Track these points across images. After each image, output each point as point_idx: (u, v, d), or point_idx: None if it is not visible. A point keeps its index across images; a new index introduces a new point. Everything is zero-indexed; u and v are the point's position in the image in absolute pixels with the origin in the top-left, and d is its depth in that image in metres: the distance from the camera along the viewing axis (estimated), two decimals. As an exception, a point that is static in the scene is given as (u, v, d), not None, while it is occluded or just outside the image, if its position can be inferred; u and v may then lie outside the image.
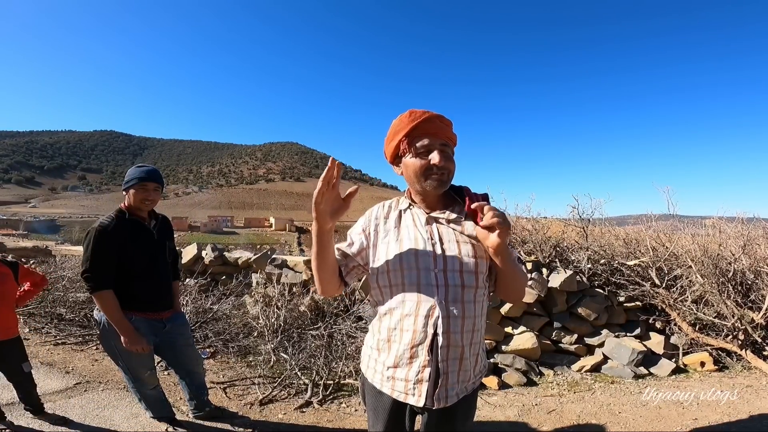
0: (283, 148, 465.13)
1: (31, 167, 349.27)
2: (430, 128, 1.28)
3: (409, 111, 1.34)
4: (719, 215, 5.01)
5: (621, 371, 3.74)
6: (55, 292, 5.08)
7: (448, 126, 1.33)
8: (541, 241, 4.66)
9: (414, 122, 1.29)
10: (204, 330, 4.36)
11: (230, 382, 3.46)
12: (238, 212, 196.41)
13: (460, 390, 1.31)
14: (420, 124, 1.28)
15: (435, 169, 1.28)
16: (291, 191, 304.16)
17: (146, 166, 2.39)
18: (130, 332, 2.23)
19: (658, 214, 5.26)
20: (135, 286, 2.32)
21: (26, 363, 2.62)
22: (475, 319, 1.29)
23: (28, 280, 2.76)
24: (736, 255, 4.18)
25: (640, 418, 2.97)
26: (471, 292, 1.27)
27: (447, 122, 1.33)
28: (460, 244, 1.29)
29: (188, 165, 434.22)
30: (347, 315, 4.18)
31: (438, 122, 1.30)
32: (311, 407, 3.09)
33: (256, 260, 5.53)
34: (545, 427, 2.89)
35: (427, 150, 1.29)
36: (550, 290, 4.07)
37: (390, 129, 1.37)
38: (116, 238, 2.24)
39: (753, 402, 3.19)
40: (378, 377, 1.36)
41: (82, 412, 2.86)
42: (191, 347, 2.63)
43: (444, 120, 1.32)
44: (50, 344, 4.17)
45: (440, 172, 1.28)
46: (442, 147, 1.29)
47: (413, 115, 1.31)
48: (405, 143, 1.31)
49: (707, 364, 3.83)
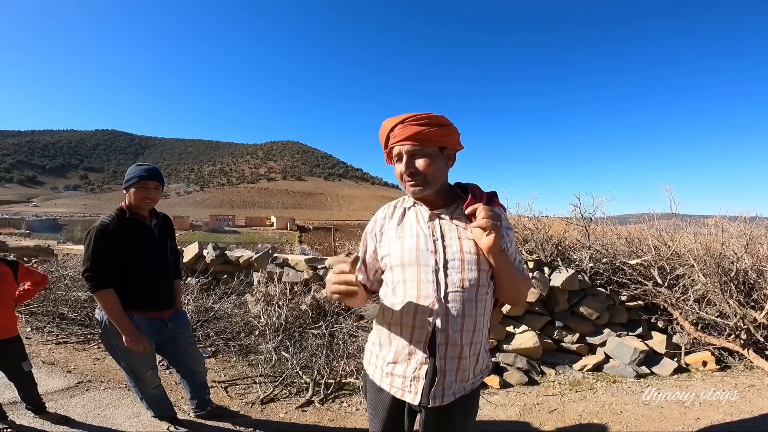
0: (284, 147, 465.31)
1: (32, 166, 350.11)
2: (399, 135, 1.28)
3: (385, 120, 1.34)
4: (722, 214, 4.99)
5: (623, 370, 3.73)
6: (57, 292, 5.09)
7: (426, 125, 1.25)
8: (543, 239, 4.64)
9: (386, 132, 1.32)
10: (205, 329, 4.37)
11: (231, 381, 3.46)
12: (240, 211, 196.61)
13: (457, 389, 1.30)
14: (390, 134, 1.30)
15: (404, 176, 1.29)
16: (292, 190, 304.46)
17: (146, 164, 2.39)
18: (131, 331, 2.23)
19: (660, 213, 5.25)
20: (136, 285, 2.32)
21: (26, 362, 2.62)
22: (476, 318, 1.28)
23: (29, 279, 2.75)
24: (738, 254, 4.16)
25: (642, 418, 2.96)
26: (472, 290, 1.26)
27: (424, 120, 1.26)
28: (462, 241, 1.28)
29: (190, 164, 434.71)
30: (348, 314, 4.18)
31: (409, 125, 1.26)
32: (312, 406, 3.08)
33: (258, 259, 5.54)
34: (547, 426, 2.88)
35: (399, 157, 1.30)
36: (551, 289, 4.06)
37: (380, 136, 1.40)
38: (117, 237, 2.24)
39: (755, 402, 3.18)
40: (378, 373, 1.37)
41: (84, 411, 2.86)
42: (192, 346, 2.63)
43: (418, 118, 1.26)
44: (52, 343, 4.18)
45: (411, 178, 1.28)
46: (415, 151, 1.26)
47: (384, 126, 1.33)
48: (386, 153, 1.36)
49: (709, 363, 3.82)
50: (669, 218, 5.28)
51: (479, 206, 1.19)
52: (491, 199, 1.33)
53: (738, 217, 4.83)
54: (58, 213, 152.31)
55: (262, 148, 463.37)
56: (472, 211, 1.21)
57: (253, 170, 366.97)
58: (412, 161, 1.27)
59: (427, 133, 1.25)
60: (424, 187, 1.29)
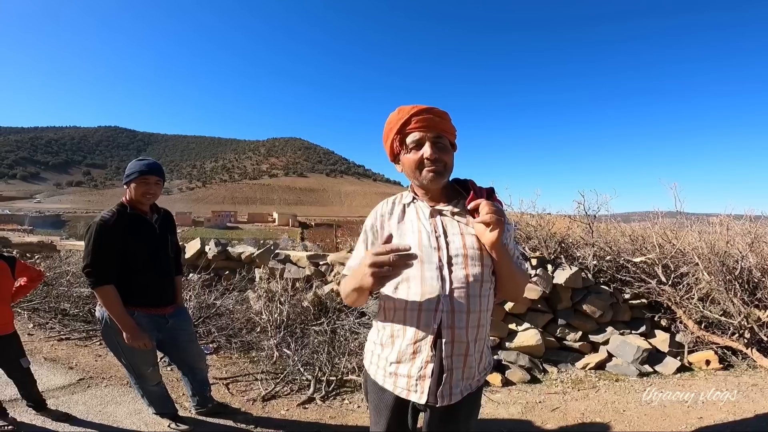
0: (286, 144, 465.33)
1: (35, 163, 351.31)
2: (420, 122, 1.27)
3: (397, 109, 1.33)
4: (726, 212, 4.96)
5: (626, 369, 3.71)
6: (60, 288, 5.10)
7: (442, 117, 1.30)
8: (546, 237, 4.62)
9: (402, 119, 1.29)
10: (207, 325, 4.37)
11: (233, 377, 3.46)
12: (242, 207, 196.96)
13: (464, 387, 1.28)
14: (409, 119, 1.28)
15: (427, 162, 1.27)
16: (294, 186, 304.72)
17: (147, 159, 2.37)
18: (132, 328, 2.22)
19: (664, 211, 5.21)
20: (137, 281, 2.30)
21: (24, 359, 2.61)
22: (480, 314, 1.27)
23: (25, 275, 2.72)
24: (743, 253, 4.13)
25: (644, 417, 2.95)
26: (477, 285, 1.25)
27: (440, 113, 1.30)
28: (464, 237, 1.27)
29: (192, 160, 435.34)
30: (350, 311, 4.17)
31: (428, 115, 1.28)
32: (314, 403, 3.08)
33: (259, 255, 5.53)
34: (549, 425, 2.87)
35: (419, 144, 1.29)
36: (554, 287, 4.04)
37: (384, 130, 1.37)
38: (117, 232, 2.22)
39: (759, 401, 3.16)
40: (380, 373, 1.34)
41: (85, 408, 2.86)
42: (194, 343, 2.62)
43: (435, 111, 1.30)
44: (54, 340, 4.18)
45: (434, 164, 1.28)
46: (435, 139, 1.28)
47: (401, 113, 1.30)
48: (397, 141, 1.32)
49: (712, 362, 3.80)
50: (673, 216, 5.25)
51: (482, 201, 1.21)
52: (490, 194, 1.33)
53: (743, 216, 4.80)
54: (61, 209, 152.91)
55: (264, 145, 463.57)
56: (475, 206, 1.22)
57: (255, 166, 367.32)
58: (436, 147, 1.28)
59: (446, 125, 1.31)
60: (442, 176, 1.30)
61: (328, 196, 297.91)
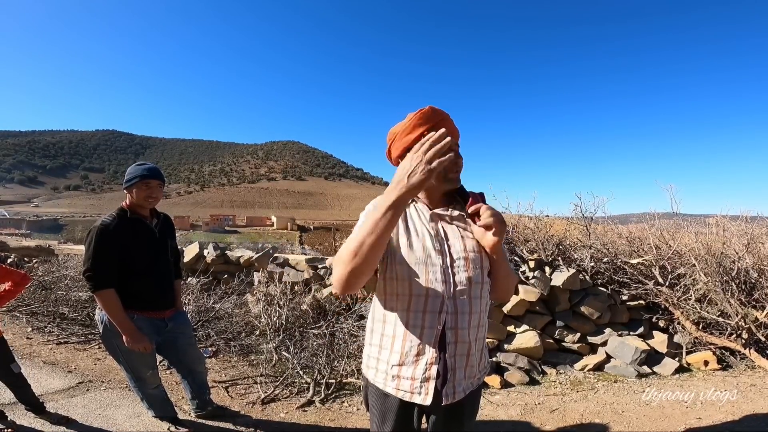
0: (284, 147, 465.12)
1: (33, 167, 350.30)
2: (448, 127, 1.28)
3: (430, 107, 1.33)
4: (723, 213, 4.99)
5: (624, 370, 3.73)
6: (58, 292, 5.10)
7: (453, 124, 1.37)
8: (544, 239, 4.64)
9: (439, 118, 1.32)
10: (206, 329, 4.37)
11: (232, 381, 3.46)
12: (240, 211, 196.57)
13: (466, 386, 1.32)
14: (440, 122, 1.31)
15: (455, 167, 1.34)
16: (293, 190, 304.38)
17: (147, 163, 2.38)
18: (132, 331, 2.23)
19: (661, 213, 5.24)
20: (137, 285, 2.31)
21: (14, 364, 2.59)
22: (480, 315, 1.31)
23: (9, 280, 2.59)
24: (739, 253, 4.15)
25: (643, 417, 2.96)
26: (477, 287, 1.29)
27: None
28: (465, 240, 1.32)
29: (190, 164, 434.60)
30: (349, 314, 4.17)
31: (451, 122, 1.35)
32: (313, 406, 3.08)
33: (258, 259, 5.53)
34: (548, 426, 2.88)
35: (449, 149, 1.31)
36: (552, 289, 4.06)
37: (408, 122, 1.33)
38: (118, 236, 2.24)
39: (757, 401, 3.17)
40: (381, 377, 1.33)
41: (85, 411, 2.86)
42: (193, 346, 2.63)
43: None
44: (53, 343, 4.18)
45: (458, 170, 1.35)
46: (457, 146, 1.35)
47: (437, 112, 1.32)
48: (413, 140, 1.32)
49: (711, 363, 3.82)
50: (670, 217, 5.27)
51: (482, 206, 1.27)
52: (483, 199, 1.37)
53: (739, 217, 4.83)
54: (58, 213, 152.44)
55: (262, 148, 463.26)
56: (476, 210, 1.27)
57: (253, 170, 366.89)
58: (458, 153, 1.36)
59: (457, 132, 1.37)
60: (458, 180, 1.37)
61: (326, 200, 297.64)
